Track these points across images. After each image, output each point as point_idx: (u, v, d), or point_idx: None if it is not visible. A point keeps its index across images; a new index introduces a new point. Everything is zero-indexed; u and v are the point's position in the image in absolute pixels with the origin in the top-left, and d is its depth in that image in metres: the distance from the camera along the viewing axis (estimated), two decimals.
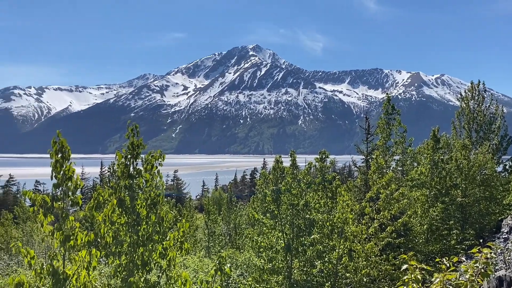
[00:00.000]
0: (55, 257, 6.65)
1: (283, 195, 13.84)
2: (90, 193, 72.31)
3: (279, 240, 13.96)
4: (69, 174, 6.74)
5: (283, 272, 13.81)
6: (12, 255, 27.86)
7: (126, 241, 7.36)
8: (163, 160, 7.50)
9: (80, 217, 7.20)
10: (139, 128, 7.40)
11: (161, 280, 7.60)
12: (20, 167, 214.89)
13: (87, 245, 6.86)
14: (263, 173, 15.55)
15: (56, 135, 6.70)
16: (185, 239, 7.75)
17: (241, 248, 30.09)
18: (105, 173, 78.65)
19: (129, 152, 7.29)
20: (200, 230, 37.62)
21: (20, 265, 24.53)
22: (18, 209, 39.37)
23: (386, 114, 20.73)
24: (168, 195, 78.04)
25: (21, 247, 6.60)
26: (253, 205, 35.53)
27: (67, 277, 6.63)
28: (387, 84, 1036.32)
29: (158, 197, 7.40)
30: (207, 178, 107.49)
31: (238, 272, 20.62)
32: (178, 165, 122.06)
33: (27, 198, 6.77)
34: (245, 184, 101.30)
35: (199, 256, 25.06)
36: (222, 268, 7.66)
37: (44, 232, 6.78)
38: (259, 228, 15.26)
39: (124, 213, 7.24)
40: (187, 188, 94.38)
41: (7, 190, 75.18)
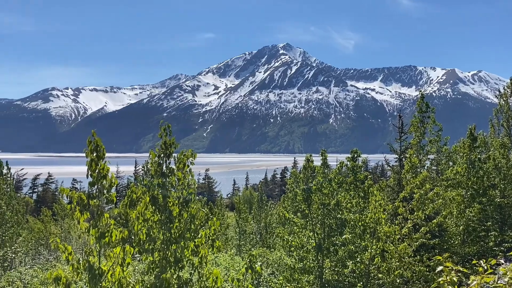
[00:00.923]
0: (91, 253, 6.85)
1: (314, 194, 13.74)
2: (124, 191, 74.06)
3: (310, 239, 13.88)
4: (104, 173, 6.92)
5: (314, 271, 13.72)
6: (51, 250, 28.89)
7: (159, 238, 7.48)
8: (195, 159, 7.59)
9: (114, 214, 7.37)
10: (171, 127, 7.52)
11: (193, 277, 7.70)
12: (58, 165, 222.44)
13: (121, 242, 7.03)
14: (294, 172, 15.49)
15: (91, 134, 6.91)
16: (216, 237, 7.82)
17: (271, 247, 30.09)
18: (139, 172, 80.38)
19: (162, 151, 7.43)
20: (231, 228, 37.85)
21: (59, 260, 25.40)
22: (57, 206, 40.72)
23: (420, 112, 20.22)
24: (200, 193, 78.97)
25: (59, 243, 6.83)
26: (283, 204, 35.46)
27: (102, 273, 6.81)
28: (421, 82, 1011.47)
29: (190, 196, 7.49)
30: (238, 177, 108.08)
31: (269, 271, 20.64)
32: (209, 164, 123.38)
33: (65, 195, 7.01)
34: (276, 183, 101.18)
35: (231, 254, 25.23)
36: (253, 266, 7.69)
37: (80, 229, 6.99)
38: (289, 227, 15.22)
39: (157, 210, 7.38)
40: (218, 186, 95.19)
41: (46, 188, 78.00)
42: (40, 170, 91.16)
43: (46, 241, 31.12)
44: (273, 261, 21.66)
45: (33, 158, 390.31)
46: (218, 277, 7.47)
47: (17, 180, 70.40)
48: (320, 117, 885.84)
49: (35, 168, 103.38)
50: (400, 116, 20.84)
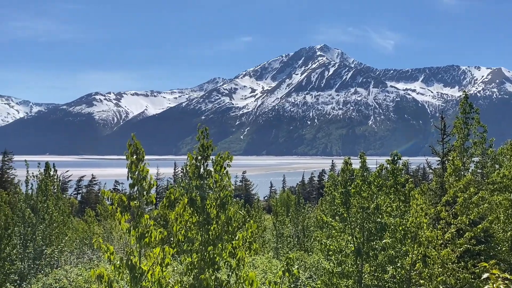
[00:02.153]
0: (132, 253, 7.03)
1: (352, 198, 13.53)
2: (164, 193, 75.65)
3: (348, 243, 13.66)
4: (144, 174, 7.08)
5: (353, 276, 13.48)
6: (94, 250, 29.88)
7: (197, 239, 7.57)
8: (232, 161, 7.64)
9: (154, 215, 7.52)
10: (209, 130, 7.60)
11: (231, 279, 7.73)
12: (101, 167, 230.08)
13: (161, 243, 7.16)
14: (332, 175, 15.29)
15: (131, 137, 7.09)
16: (253, 239, 7.82)
17: (309, 251, 29.83)
18: (178, 174, 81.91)
19: (200, 154, 7.52)
20: (268, 231, 37.83)
21: (101, 259, 26.24)
22: (100, 207, 42.11)
23: (463, 113, 19.49)
24: (237, 195, 79.49)
25: (102, 243, 7.04)
26: (321, 208, 35.09)
27: (143, 273, 6.97)
28: (465, 82, 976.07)
29: (227, 197, 7.54)
30: (275, 180, 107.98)
31: (306, 274, 20.47)
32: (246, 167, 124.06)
33: (107, 197, 7.22)
34: (313, 186, 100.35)
35: (268, 257, 25.22)
36: (290, 269, 7.64)
37: (121, 229, 7.19)
38: (328, 231, 15.04)
39: (195, 212, 7.47)
40: (255, 189, 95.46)
41: (90, 189, 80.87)
42: (84, 172, 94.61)
43: (90, 241, 32.21)
44: (310, 265, 21.47)
45: (78, 161, 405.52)
46: (254, 281, 7.47)
47: (63, 182, 73.33)
48: (358, 118, 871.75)
49: (80, 170, 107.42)
50: (442, 117, 20.17)
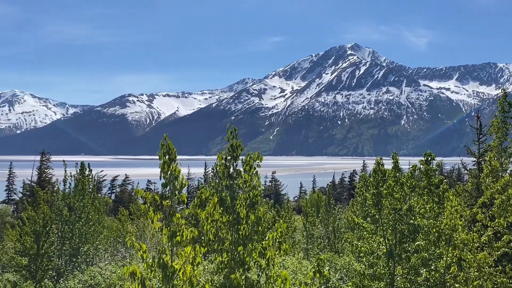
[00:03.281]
0: (164, 252, 7.16)
1: (384, 199, 13.30)
2: (195, 193, 76.54)
3: (380, 245, 13.44)
4: (176, 174, 7.21)
5: (385, 278, 13.25)
6: (127, 248, 30.56)
7: (228, 239, 7.63)
8: (261, 161, 7.66)
9: (185, 214, 7.64)
10: (238, 130, 7.65)
11: (261, 279, 7.75)
12: (135, 167, 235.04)
13: (192, 242, 7.26)
14: (363, 176, 15.08)
15: (164, 138, 7.23)
16: (283, 239, 7.82)
17: (340, 252, 29.51)
18: (209, 174, 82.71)
19: (229, 154, 7.58)
20: (298, 232, 37.67)
21: (134, 257, 26.80)
22: (133, 206, 43.06)
23: (501, 112, 18.79)
24: (266, 196, 79.48)
25: (135, 241, 7.21)
26: (352, 209, 34.65)
27: (174, 271, 7.09)
28: (502, 79, 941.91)
29: (256, 197, 7.57)
30: (305, 180, 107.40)
31: (337, 276, 20.27)
32: (275, 167, 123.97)
33: (140, 196, 7.39)
34: (344, 186, 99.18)
35: (298, 257, 25.11)
36: (321, 270, 7.59)
37: (154, 228, 7.34)
38: (359, 232, 14.85)
39: (225, 212, 7.53)
40: (284, 189, 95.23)
41: (124, 189, 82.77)
42: (118, 171, 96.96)
43: (123, 239, 32.94)
44: (341, 266, 21.24)
45: (112, 161, 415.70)
46: (287, 279, 7.46)
47: (97, 181, 75.33)
48: (390, 118, 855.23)
49: (114, 170, 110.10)
50: (478, 116, 19.54)
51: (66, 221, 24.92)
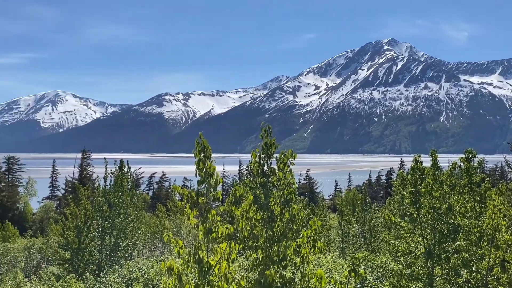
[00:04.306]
0: (200, 248, 7.27)
1: (423, 197, 12.96)
2: (230, 190, 77.17)
3: (418, 245, 13.12)
4: (211, 171, 7.30)
5: (423, 279, 12.93)
6: (165, 244, 31.21)
7: (262, 236, 7.65)
8: (295, 159, 7.64)
9: (221, 211, 7.72)
10: (272, 128, 7.65)
11: (296, 276, 7.73)
12: (171, 165, 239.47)
13: (227, 238, 7.34)
14: (400, 174, 14.76)
15: (199, 136, 7.34)
16: (318, 237, 7.77)
17: (376, 251, 29.01)
18: (243, 171, 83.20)
19: (263, 152, 7.60)
20: (333, 230, 37.32)
21: (172, 253, 27.34)
22: (170, 202, 43.94)
23: None
24: (301, 194, 79.11)
25: (171, 237, 7.36)
26: (389, 207, 34.00)
27: (210, 267, 7.18)
28: None
29: (290, 195, 7.55)
30: (340, 178, 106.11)
31: (374, 275, 19.95)
32: (310, 165, 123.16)
33: (177, 192, 7.54)
34: (380, 185, 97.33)
35: (333, 256, 24.88)
36: (357, 269, 7.49)
37: (190, 224, 7.46)
38: (396, 231, 14.55)
39: (259, 209, 7.56)
40: (319, 187, 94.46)
41: (161, 186, 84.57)
42: (155, 169, 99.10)
43: (161, 235, 33.67)
44: (378, 266, 20.88)
45: (149, 158, 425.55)
46: (323, 277, 7.41)
47: (136, 178, 77.30)
48: (429, 114, 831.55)
49: (151, 167, 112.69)
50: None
51: (106, 217, 25.70)
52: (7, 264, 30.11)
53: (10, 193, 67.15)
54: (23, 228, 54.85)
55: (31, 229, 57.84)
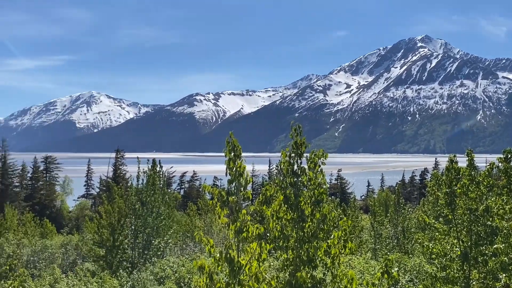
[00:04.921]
0: (230, 247, 7.30)
1: (458, 198, 12.57)
2: (259, 190, 77.22)
3: (454, 247, 12.74)
4: (241, 171, 7.32)
5: (459, 282, 12.54)
6: (196, 242, 31.59)
7: (293, 236, 7.60)
8: (326, 158, 7.55)
9: (251, 211, 7.71)
10: (302, 127, 7.59)
11: (327, 277, 7.64)
12: (202, 164, 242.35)
13: (258, 238, 7.33)
14: (435, 174, 14.38)
15: (229, 135, 7.36)
16: (349, 238, 7.65)
17: (410, 253, 28.39)
18: (273, 171, 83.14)
19: (293, 151, 7.55)
20: (365, 231, 36.79)
21: (203, 252, 27.62)
22: (201, 201, 44.43)
23: None
24: (332, 194, 78.32)
25: (202, 236, 7.42)
26: (423, 208, 33.21)
27: (241, 266, 7.20)
28: None
29: (321, 195, 7.47)
30: (372, 178, 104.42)
31: (407, 277, 19.53)
32: (341, 164, 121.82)
33: (207, 191, 7.60)
34: (414, 185, 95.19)
35: (365, 257, 24.51)
36: (389, 271, 7.33)
37: (221, 223, 7.50)
38: (430, 233, 14.19)
39: (289, 209, 7.51)
40: (351, 188, 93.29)
41: (192, 185, 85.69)
42: (186, 168, 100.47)
43: (192, 234, 34.07)
44: (411, 268, 20.43)
45: (181, 158, 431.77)
46: (354, 279, 7.30)
47: (167, 177, 78.60)
48: (465, 113, 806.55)
49: (182, 166, 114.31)
50: None
51: (138, 215, 26.21)
52: (45, 260, 31.21)
53: (47, 192, 69.69)
54: (60, 226, 56.79)
55: (68, 226, 59.82)
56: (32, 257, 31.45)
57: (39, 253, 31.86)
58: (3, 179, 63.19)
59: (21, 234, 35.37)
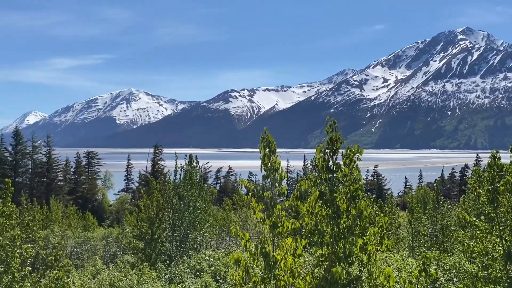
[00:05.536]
0: (265, 242, 7.39)
1: (501, 196, 12.15)
2: (294, 185, 77.10)
3: (496, 246, 12.33)
4: (276, 166, 7.38)
5: (501, 282, 12.14)
6: (231, 236, 31.96)
7: (328, 232, 7.60)
8: (361, 154, 7.49)
9: (286, 206, 7.78)
10: (338, 123, 7.55)
11: (363, 274, 7.60)
12: (237, 160, 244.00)
13: (292, 233, 7.39)
14: (476, 171, 13.94)
15: (264, 131, 7.44)
16: (385, 235, 7.58)
17: (449, 251, 27.63)
18: (308, 167, 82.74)
19: (328, 147, 7.52)
20: (403, 228, 36.07)
21: (238, 245, 27.93)
22: (236, 196, 44.86)
23: None
24: (368, 190, 77.13)
25: (238, 230, 7.55)
26: (463, 206, 32.18)
27: (276, 261, 7.28)
28: None
29: (357, 191, 7.42)
30: (410, 175, 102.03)
31: (446, 276, 19.05)
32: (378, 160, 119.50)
33: (243, 186, 7.74)
34: (454, 182, 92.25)
35: (402, 255, 24.05)
36: (427, 269, 7.22)
37: (256, 218, 7.61)
38: (471, 231, 13.79)
39: (324, 205, 7.51)
40: (388, 184, 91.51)
41: (227, 180, 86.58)
42: (222, 163, 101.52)
43: (227, 228, 34.49)
44: (451, 266, 19.91)
45: (216, 153, 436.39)
46: (391, 276, 7.23)
47: (204, 173, 79.74)
48: (509, 107, 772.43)
49: (218, 162, 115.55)
50: None
51: (176, 209, 26.80)
52: (88, 252, 32.45)
53: (90, 186, 72.29)
54: (101, 218, 58.77)
55: (108, 219, 61.79)
56: (75, 249, 32.77)
57: (82, 244, 33.13)
58: (48, 174, 66.09)
59: (65, 226, 36.91)
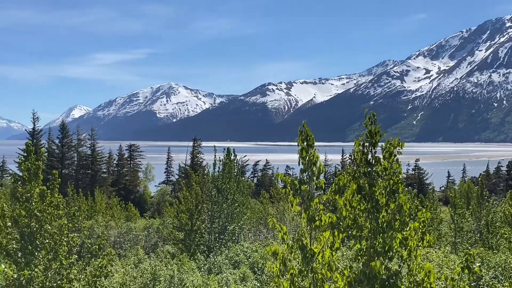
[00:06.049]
0: (303, 235, 7.43)
1: None
2: (332, 179, 76.38)
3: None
4: (314, 160, 7.39)
5: None
6: (269, 229, 32.18)
7: (366, 226, 7.55)
8: (402, 148, 7.36)
9: (323, 200, 7.79)
10: (378, 116, 7.45)
11: (402, 270, 7.51)
12: (274, 153, 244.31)
13: (330, 227, 7.39)
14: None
15: (302, 125, 7.45)
16: (426, 230, 7.44)
17: (494, 248, 26.64)
18: (346, 160, 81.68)
19: (367, 140, 7.44)
20: (445, 224, 35.08)
21: (275, 238, 28.09)
22: (273, 189, 45.01)
23: None
24: (409, 185, 75.30)
25: (276, 223, 7.63)
26: (510, 202, 30.87)
27: (313, 254, 7.31)
28: None
29: (397, 185, 7.31)
30: (453, 169, 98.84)
31: (491, 274, 18.41)
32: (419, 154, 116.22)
33: (280, 180, 7.78)
34: (500, 177, 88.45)
35: (444, 251, 23.43)
36: (470, 266, 7.04)
37: (293, 211, 7.66)
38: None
39: (363, 199, 7.45)
40: (429, 178, 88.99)
41: (265, 173, 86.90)
42: (259, 157, 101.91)
43: (265, 221, 34.74)
44: (496, 264, 19.21)
45: (254, 147, 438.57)
46: (431, 272, 7.11)
47: (241, 166, 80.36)
48: None
49: (255, 155, 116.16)
50: None
51: (214, 202, 27.26)
52: (130, 242, 33.59)
53: (132, 178, 74.59)
54: (142, 210, 60.55)
55: (150, 210, 63.57)
56: (118, 238, 34.00)
57: (125, 235, 34.33)
58: (93, 166, 68.69)
59: (109, 217, 38.31)
